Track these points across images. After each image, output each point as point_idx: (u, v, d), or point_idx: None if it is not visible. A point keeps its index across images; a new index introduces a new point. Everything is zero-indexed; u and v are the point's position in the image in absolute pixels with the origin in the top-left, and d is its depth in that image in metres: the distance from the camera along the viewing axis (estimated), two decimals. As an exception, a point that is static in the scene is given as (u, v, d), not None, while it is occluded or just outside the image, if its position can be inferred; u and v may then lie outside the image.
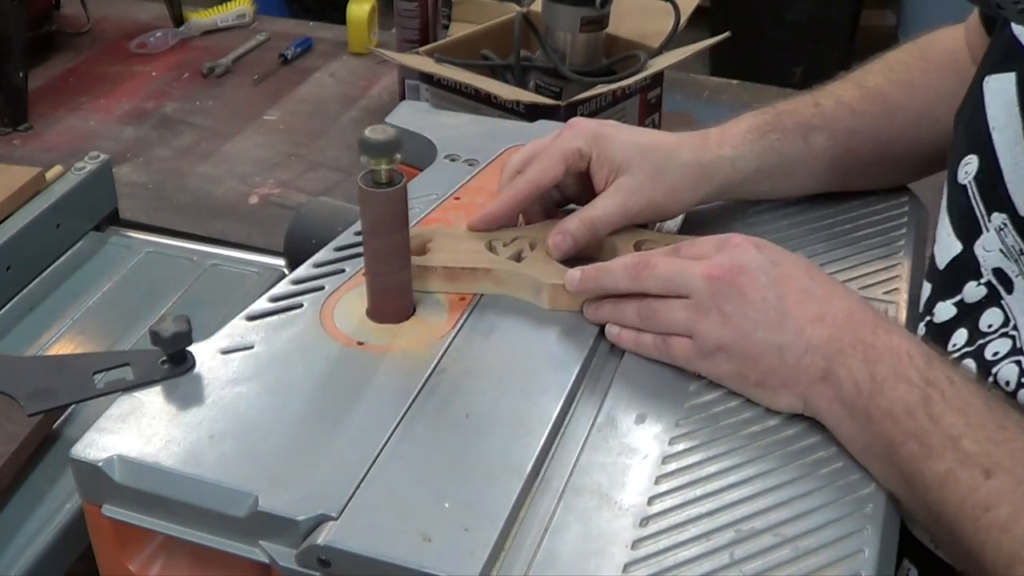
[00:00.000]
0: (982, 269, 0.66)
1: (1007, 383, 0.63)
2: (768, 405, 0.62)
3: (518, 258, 0.72)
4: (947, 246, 0.69)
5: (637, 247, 0.73)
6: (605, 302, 0.67)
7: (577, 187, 0.77)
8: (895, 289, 0.73)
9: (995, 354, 0.64)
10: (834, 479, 0.59)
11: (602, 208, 0.73)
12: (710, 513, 0.56)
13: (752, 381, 0.62)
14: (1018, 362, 0.63)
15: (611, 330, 0.67)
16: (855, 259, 0.76)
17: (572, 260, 0.71)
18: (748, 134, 0.77)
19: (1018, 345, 0.63)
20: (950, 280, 0.68)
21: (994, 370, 0.64)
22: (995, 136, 0.65)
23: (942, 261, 0.69)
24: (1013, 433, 0.55)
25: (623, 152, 0.74)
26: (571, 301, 0.69)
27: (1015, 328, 0.64)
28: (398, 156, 0.63)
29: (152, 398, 0.62)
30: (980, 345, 0.65)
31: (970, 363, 0.65)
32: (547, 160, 0.73)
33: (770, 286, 0.62)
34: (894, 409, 0.57)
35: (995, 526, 0.53)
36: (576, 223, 0.72)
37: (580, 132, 0.74)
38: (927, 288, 0.71)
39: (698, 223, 0.80)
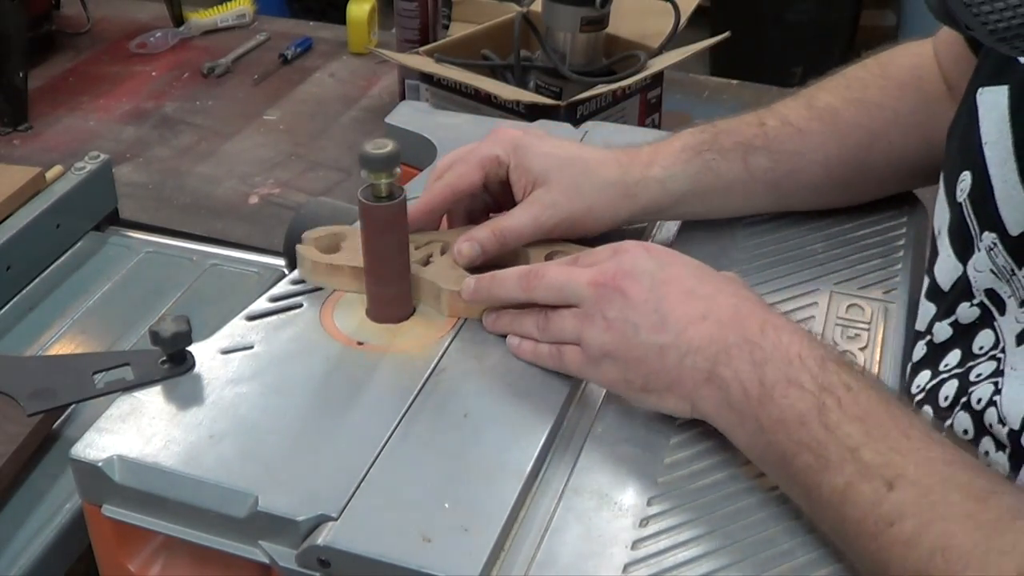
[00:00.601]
0: (974, 290, 0.64)
1: (979, 400, 0.61)
2: (657, 410, 0.61)
3: (426, 262, 0.71)
4: (949, 267, 0.67)
5: (549, 257, 0.71)
6: (504, 313, 0.66)
7: (504, 195, 0.75)
8: (895, 289, 0.73)
9: (978, 375, 0.62)
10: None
11: (515, 220, 0.71)
12: (710, 513, 0.56)
13: (638, 386, 0.60)
14: (995, 383, 0.61)
15: (511, 341, 0.65)
16: (855, 259, 0.76)
17: (482, 268, 0.69)
18: (682, 153, 0.74)
19: (1000, 368, 0.61)
20: (947, 300, 0.67)
21: (971, 391, 0.62)
22: (987, 152, 0.64)
23: (944, 282, 0.67)
24: (918, 442, 0.52)
25: (541, 164, 0.72)
26: (468, 309, 0.68)
27: (1002, 351, 0.62)
28: (398, 170, 0.64)
29: (152, 398, 0.62)
30: (969, 367, 0.63)
31: (953, 382, 0.64)
32: (464, 166, 0.73)
33: (653, 288, 0.60)
34: (786, 417, 0.54)
35: (899, 541, 0.49)
36: (486, 232, 0.71)
37: (500, 140, 0.74)
38: (931, 308, 0.69)
39: (696, 229, 0.80)
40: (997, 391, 0.60)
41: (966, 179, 0.66)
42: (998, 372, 0.61)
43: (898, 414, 0.54)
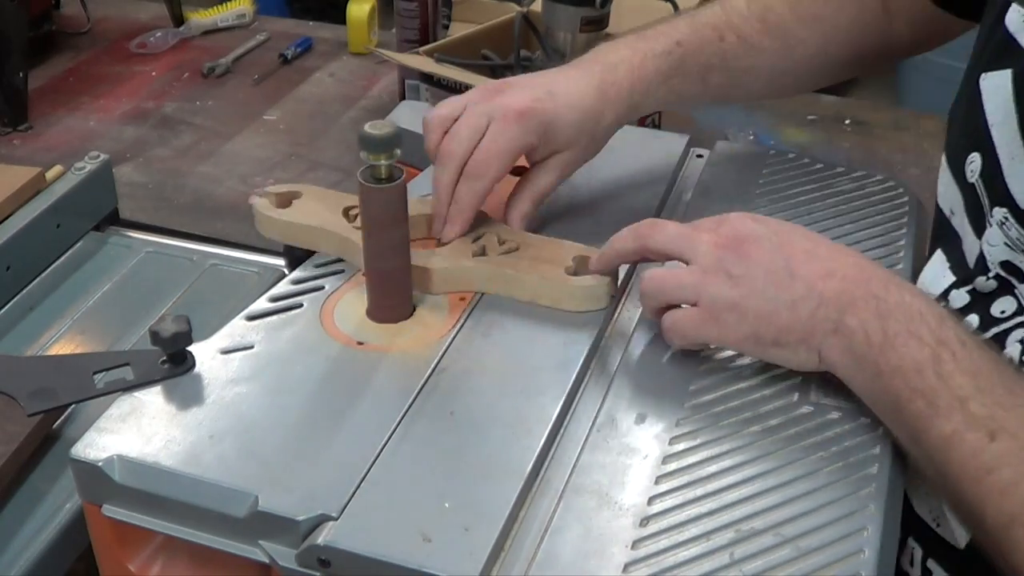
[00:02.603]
0: (989, 264, 0.67)
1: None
2: (788, 364, 0.63)
3: (483, 253, 0.73)
4: (971, 244, 0.70)
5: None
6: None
7: None
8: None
9: (1012, 340, 0.65)
10: (834, 479, 0.59)
11: (546, 182, 0.77)
12: (710, 513, 0.56)
13: (769, 340, 0.62)
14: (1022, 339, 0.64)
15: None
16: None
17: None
18: (655, 79, 0.78)
19: None
20: (966, 274, 0.70)
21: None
22: (994, 132, 0.66)
23: (971, 259, 0.70)
24: (1021, 399, 0.56)
25: (566, 137, 0.76)
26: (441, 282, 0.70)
27: None
28: (398, 151, 0.63)
29: (152, 398, 0.62)
30: (995, 335, 0.66)
31: None
32: (503, 160, 0.73)
33: (775, 251, 0.62)
34: (903, 365, 0.57)
35: (996, 489, 0.54)
36: (529, 205, 0.76)
37: (532, 126, 0.73)
38: (950, 277, 0.71)
39: (701, 211, 0.79)
40: None
41: (975, 160, 0.68)
42: None
43: (1006, 372, 0.57)
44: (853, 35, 0.83)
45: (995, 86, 0.66)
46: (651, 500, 0.57)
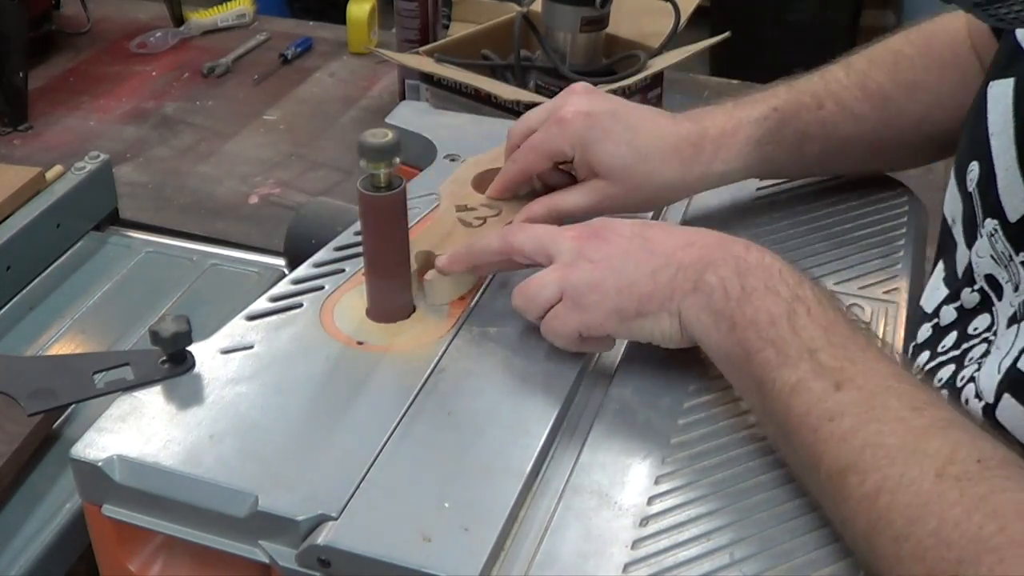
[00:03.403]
0: (975, 275, 0.66)
1: (962, 378, 0.63)
2: (655, 334, 0.62)
3: (483, 222, 0.75)
4: (961, 255, 0.69)
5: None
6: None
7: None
8: (895, 289, 0.73)
9: (970, 359, 0.64)
10: (834, 479, 0.59)
11: (572, 203, 0.75)
12: (710, 513, 0.56)
13: (632, 312, 0.62)
14: (981, 363, 0.63)
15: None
16: (855, 259, 0.76)
17: None
18: (745, 146, 0.76)
19: (989, 349, 0.63)
20: (957, 286, 0.69)
21: (961, 373, 0.64)
22: (993, 142, 0.65)
23: (960, 269, 0.69)
24: (871, 355, 0.56)
25: (605, 161, 0.73)
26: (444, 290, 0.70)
27: (994, 333, 0.63)
28: (397, 160, 0.64)
29: (152, 398, 0.62)
30: (964, 349, 0.65)
31: (950, 367, 0.65)
32: (534, 156, 0.75)
33: (633, 235, 0.64)
34: (758, 318, 0.58)
35: (835, 435, 0.53)
36: (544, 212, 0.75)
37: (568, 134, 0.73)
38: (944, 292, 0.71)
39: (697, 221, 0.80)
40: (979, 369, 0.63)
41: (974, 169, 0.68)
42: (987, 353, 0.63)
43: (859, 334, 0.58)
44: (957, 103, 0.77)
45: (999, 94, 0.66)
46: (651, 500, 0.57)
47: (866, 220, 0.80)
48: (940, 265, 0.73)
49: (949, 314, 0.69)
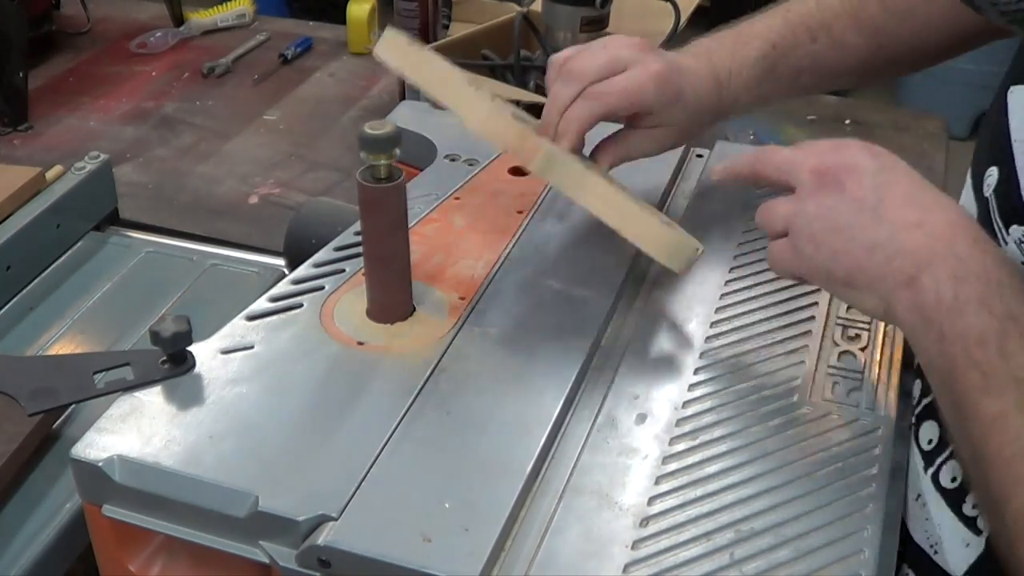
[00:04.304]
0: None
1: None
2: (858, 306, 0.62)
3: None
4: None
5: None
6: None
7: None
8: None
9: None
10: (834, 479, 0.59)
11: (641, 148, 0.77)
12: (710, 513, 0.56)
13: (840, 279, 0.61)
14: None
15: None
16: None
17: None
18: (747, 85, 0.79)
19: None
20: None
21: None
22: (1016, 148, 0.64)
23: None
24: None
25: (675, 118, 0.76)
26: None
27: None
28: (397, 151, 0.63)
29: (152, 398, 0.62)
30: None
31: None
32: (623, 100, 0.74)
33: (874, 188, 0.61)
34: (968, 334, 0.55)
35: None
36: (618, 156, 0.76)
37: (662, 92, 0.74)
38: None
39: (701, 211, 0.80)
40: None
41: (993, 174, 0.67)
42: None
43: None
44: (946, 22, 0.80)
45: (1022, 99, 0.65)
46: (651, 500, 0.57)
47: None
48: None
49: None
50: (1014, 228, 0.64)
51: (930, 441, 0.65)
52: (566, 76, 0.74)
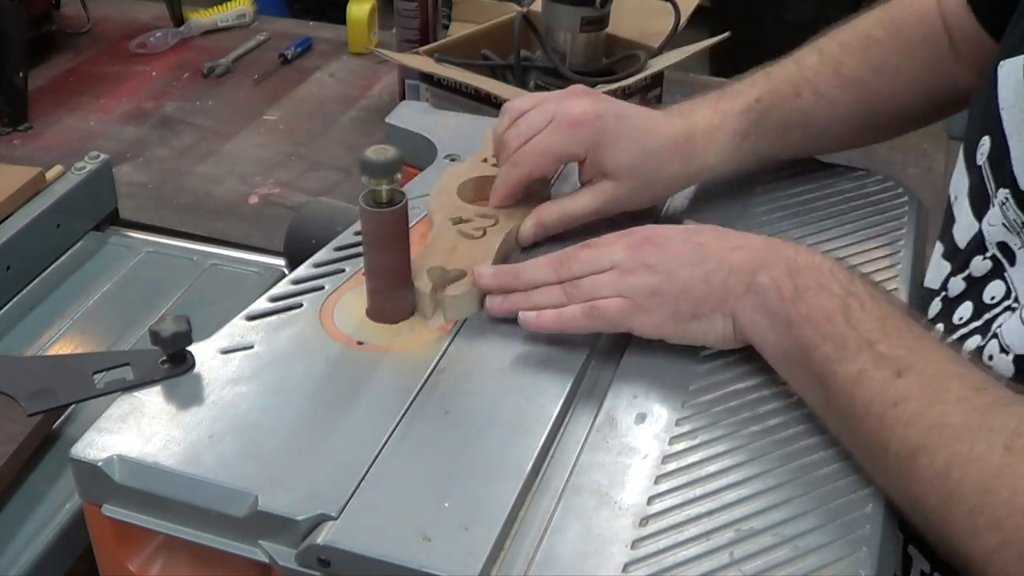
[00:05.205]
0: (987, 243, 0.67)
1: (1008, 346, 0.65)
2: (708, 337, 0.65)
3: (483, 233, 0.74)
4: (965, 226, 0.70)
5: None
6: (512, 294, 0.68)
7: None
8: (895, 289, 0.73)
9: (999, 326, 0.65)
10: (834, 478, 0.59)
11: (582, 206, 0.76)
12: (710, 513, 0.56)
13: (688, 315, 0.64)
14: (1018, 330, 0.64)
15: (527, 317, 0.66)
16: (856, 259, 0.76)
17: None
18: (733, 139, 0.78)
19: (1022, 317, 0.64)
20: (962, 257, 0.70)
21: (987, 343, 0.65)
22: (1004, 116, 0.67)
23: (961, 240, 0.71)
24: (927, 343, 0.58)
25: (616, 162, 0.75)
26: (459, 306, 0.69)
27: (1016, 300, 0.64)
28: (399, 176, 0.64)
29: (152, 398, 0.62)
30: (986, 320, 0.66)
31: (975, 338, 0.66)
32: (543, 159, 0.75)
33: (686, 240, 0.66)
34: (814, 315, 0.59)
35: (901, 420, 0.55)
36: (554, 217, 0.76)
37: (580, 137, 0.74)
38: (946, 267, 0.72)
39: (699, 213, 0.80)
40: (1000, 327, 0.65)
41: (985, 143, 0.69)
42: (1020, 320, 0.64)
43: (913, 323, 0.59)
44: (926, 82, 0.81)
45: (1010, 71, 0.67)
46: (651, 500, 0.57)
47: (866, 220, 0.80)
48: (938, 244, 0.74)
49: (957, 285, 0.70)
50: (1000, 191, 0.67)
51: None
52: (499, 146, 0.77)
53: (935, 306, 0.72)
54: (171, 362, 0.64)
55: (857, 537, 0.55)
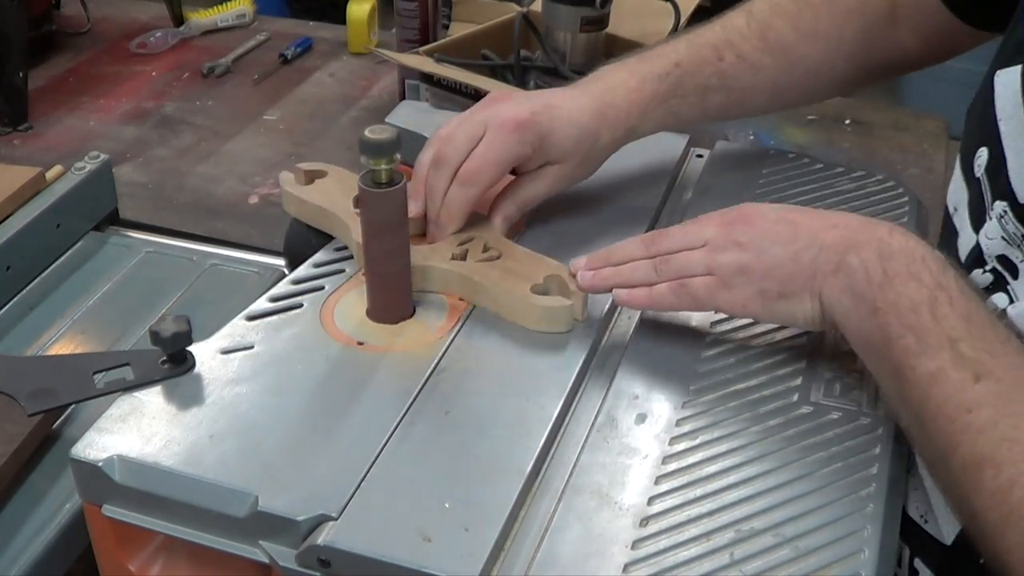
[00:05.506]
0: (986, 257, 0.67)
1: None
2: (796, 317, 0.64)
3: (464, 257, 0.73)
4: (966, 239, 0.70)
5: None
6: (605, 269, 0.68)
7: None
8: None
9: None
10: (834, 479, 0.59)
11: (534, 191, 0.77)
12: (710, 513, 0.56)
13: (774, 294, 0.63)
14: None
15: (619, 294, 0.67)
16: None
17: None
18: (652, 102, 0.79)
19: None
20: (963, 269, 0.69)
21: None
22: (1002, 127, 0.67)
23: (963, 254, 0.71)
24: (1011, 349, 0.56)
25: (561, 149, 0.76)
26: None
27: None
28: (398, 156, 0.64)
29: (152, 398, 0.62)
30: None
31: None
32: (496, 169, 0.74)
33: (779, 217, 0.65)
34: (900, 303, 0.58)
35: (973, 427, 0.53)
36: (514, 210, 0.77)
37: (527, 137, 0.74)
38: None
39: (701, 211, 0.80)
40: None
41: (983, 154, 0.69)
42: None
43: (999, 326, 0.58)
44: (858, 48, 0.82)
45: (1007, 82, 0.67)
46: (651, 500, 0.57)
47: (866, 220, 0.80)
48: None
49: None
50: (997, 203, 0.66)
51: None
52: (436, 163, 0.75)
53: None
54: (171, 362, 0.63)
55: (857, 538, 0.55)
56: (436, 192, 0.74)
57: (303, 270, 0.74)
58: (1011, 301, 0.65)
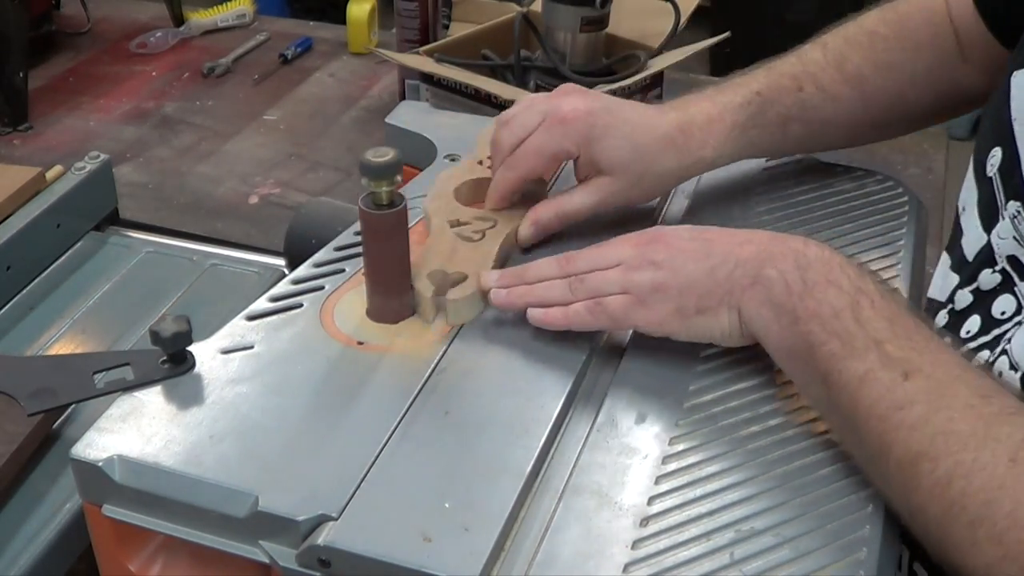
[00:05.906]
0: (996, 256, 0.67)
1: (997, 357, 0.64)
2: (714, 332, 0.63)
3: (482, 236, 0.74)
4: (975, 238, 0.70)
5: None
6: (519, 287, 0.68)
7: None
8: (895, 289, 0.73)
9: (1008, 342, 0.65)
10: (834, 479, 0.59)
11: (578, 204, 0.76)
12: (710, 513, 0.56)
13: (692, 310, 0.63)
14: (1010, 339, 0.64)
15: (534, 314, 0.66)
16: (855, 259, 0.76)
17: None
18: (732, 131, 0.77)
19: None
20: (970, 269, 0.70)
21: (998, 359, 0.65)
22: (1016, 128, 0.66)
23: (970, 253, 0.70)
24: (936, 346, 0.56)
25: (610, 157, 0.74)
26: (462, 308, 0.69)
27: None
28: (398, 178, 0.64)
29: (152, 398, 0.62)
30: (995, 336, 0.66)
31: (985, 353, 0.66)
32: (537, 160, 0.75)
33: (693, 236, 0.66)
34: (821, 311, 0.58)
35: (905, 424, 0.53)
36: (551, 215, 0.75)
37: (572, 133, 0.74)
38: (954, 279, 0.72)
39: (700, 212, 0.80)
40: (1009, 342, 0.64)
41: (996, 154, 0.69)
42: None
43: (922, 325, 0.58)
44: (930, 82, 0.81)
45: (1022, 82, 0.67)
46: (651, 500, 0.57)
47: (866, 220, 0.80)
48: (944, 255, 0.74)
49: (964, 298, 0.70)
50: (1011, 203, 0.66)
51: None
52: (493, 148, 0.77)
53: (942, 318, 0.71)
54: (171, 362, 0.63)
55: (857, 538, 0.55)
56: (494, 172, 0.77)
57: (303, 270, 0.74)
58: (1018, 303, 0.65)
